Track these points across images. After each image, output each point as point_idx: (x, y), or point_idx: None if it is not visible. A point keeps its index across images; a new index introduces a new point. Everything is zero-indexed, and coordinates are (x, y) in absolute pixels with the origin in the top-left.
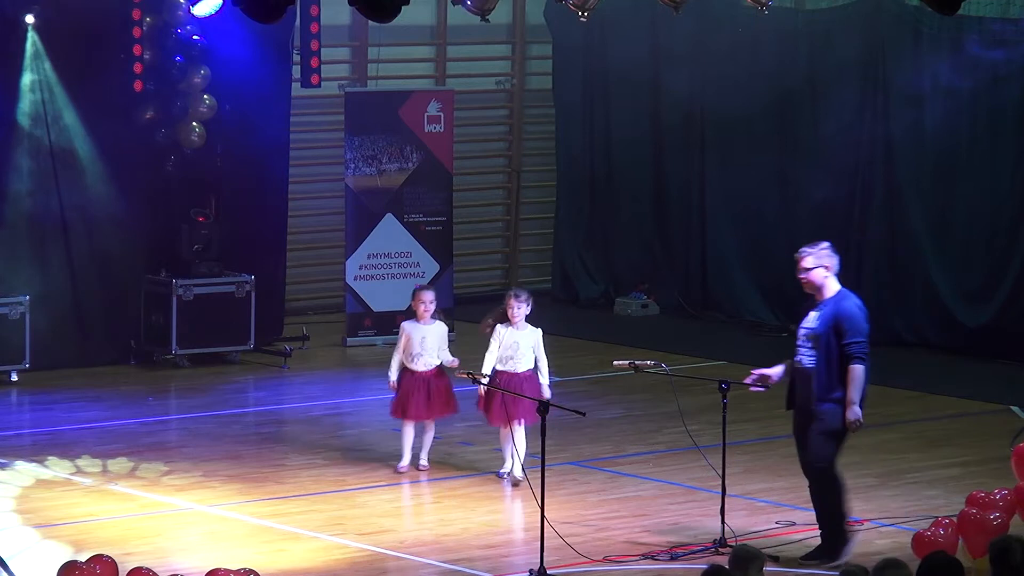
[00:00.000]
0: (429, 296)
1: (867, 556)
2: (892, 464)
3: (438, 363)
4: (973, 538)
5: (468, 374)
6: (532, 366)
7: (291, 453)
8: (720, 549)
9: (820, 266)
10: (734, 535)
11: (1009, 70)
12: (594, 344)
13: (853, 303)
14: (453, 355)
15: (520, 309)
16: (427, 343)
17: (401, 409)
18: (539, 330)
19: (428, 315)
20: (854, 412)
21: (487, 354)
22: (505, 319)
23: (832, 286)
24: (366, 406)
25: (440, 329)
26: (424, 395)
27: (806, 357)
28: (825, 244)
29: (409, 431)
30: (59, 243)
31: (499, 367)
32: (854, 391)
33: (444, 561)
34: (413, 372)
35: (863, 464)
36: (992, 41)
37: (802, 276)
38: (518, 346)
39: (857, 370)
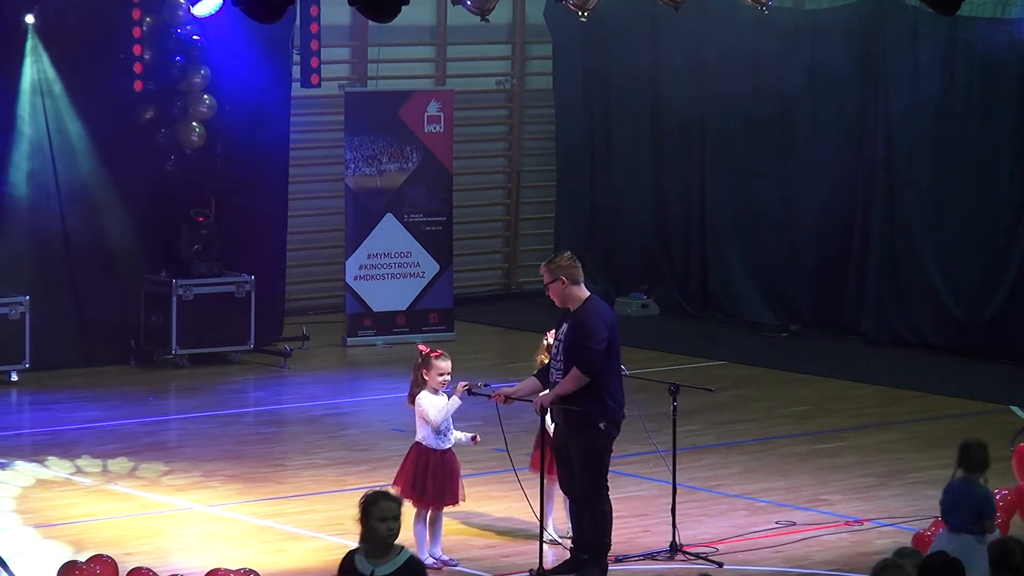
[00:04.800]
0: (448, 365)
1: (867, 556)
2: (892, 464)
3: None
4: None
5: (465, 387)
6: None
7: (291, 453)
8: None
9: (557, 279)
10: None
11: (1008, 70)
12: None
13: (597, 309)
14: (453, 372)
15: None
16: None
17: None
18: None
19: (447, 384)
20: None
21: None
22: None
23: (577, 295)
24: (366, 406)
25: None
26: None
27: (557, 372)
28: (565, 253)
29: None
30: (59, 243)
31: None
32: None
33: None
34: (433, 450)
35: (863, 464)
36: (991, 41)
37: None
38: None
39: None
